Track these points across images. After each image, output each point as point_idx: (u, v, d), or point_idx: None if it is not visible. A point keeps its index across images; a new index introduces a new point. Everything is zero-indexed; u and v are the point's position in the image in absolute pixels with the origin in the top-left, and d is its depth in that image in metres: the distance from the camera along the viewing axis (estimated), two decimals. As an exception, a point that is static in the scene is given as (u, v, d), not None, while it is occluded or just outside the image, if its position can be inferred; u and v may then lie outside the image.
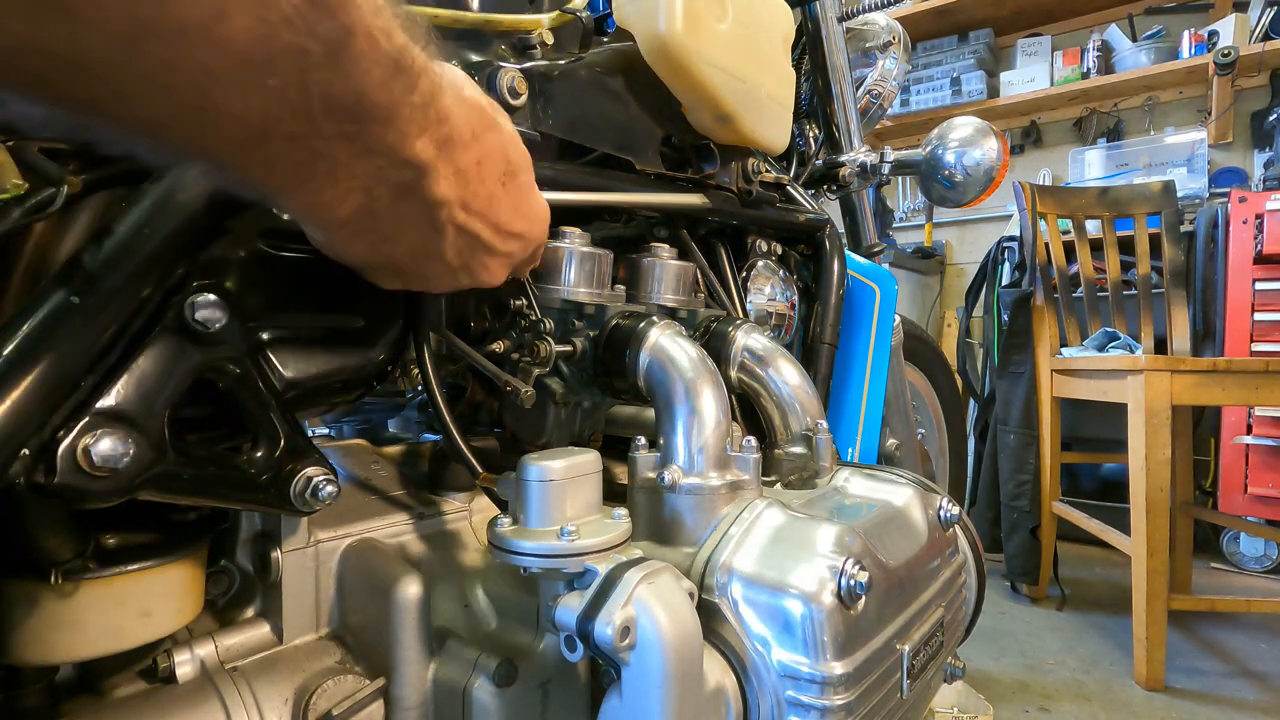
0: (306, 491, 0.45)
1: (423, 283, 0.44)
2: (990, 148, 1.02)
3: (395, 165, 0.33)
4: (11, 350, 0.33)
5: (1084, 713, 1.43)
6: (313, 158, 0.29)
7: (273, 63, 0.25)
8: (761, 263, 0.86)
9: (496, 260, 0.45)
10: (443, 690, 0.50)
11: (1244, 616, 1.89)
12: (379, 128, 0.30)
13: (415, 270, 0.42)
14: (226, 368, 0.42)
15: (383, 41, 0.28)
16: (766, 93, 0.72)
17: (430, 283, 0.44)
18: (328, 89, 0.27)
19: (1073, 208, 2.09)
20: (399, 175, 0.33)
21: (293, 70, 0.25)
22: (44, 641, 0.41)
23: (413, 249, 0.40)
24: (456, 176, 0.37)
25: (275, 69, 0.25)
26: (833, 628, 0.44)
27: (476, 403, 0.69)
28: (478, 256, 0.43)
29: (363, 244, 0.38)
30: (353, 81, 0.28)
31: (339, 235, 0.38)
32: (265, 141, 0.27)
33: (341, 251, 0.40)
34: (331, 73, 0.27)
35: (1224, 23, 2.63)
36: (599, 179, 0.62)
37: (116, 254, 0.36)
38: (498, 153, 0.40)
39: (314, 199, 0.32)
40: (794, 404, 0.66)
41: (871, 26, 1.24)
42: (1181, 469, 2.01)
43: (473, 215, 0.40)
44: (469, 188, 0.38)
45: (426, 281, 0.44)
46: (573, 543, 0.43)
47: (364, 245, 0.38)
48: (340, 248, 0.40)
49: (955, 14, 3.03)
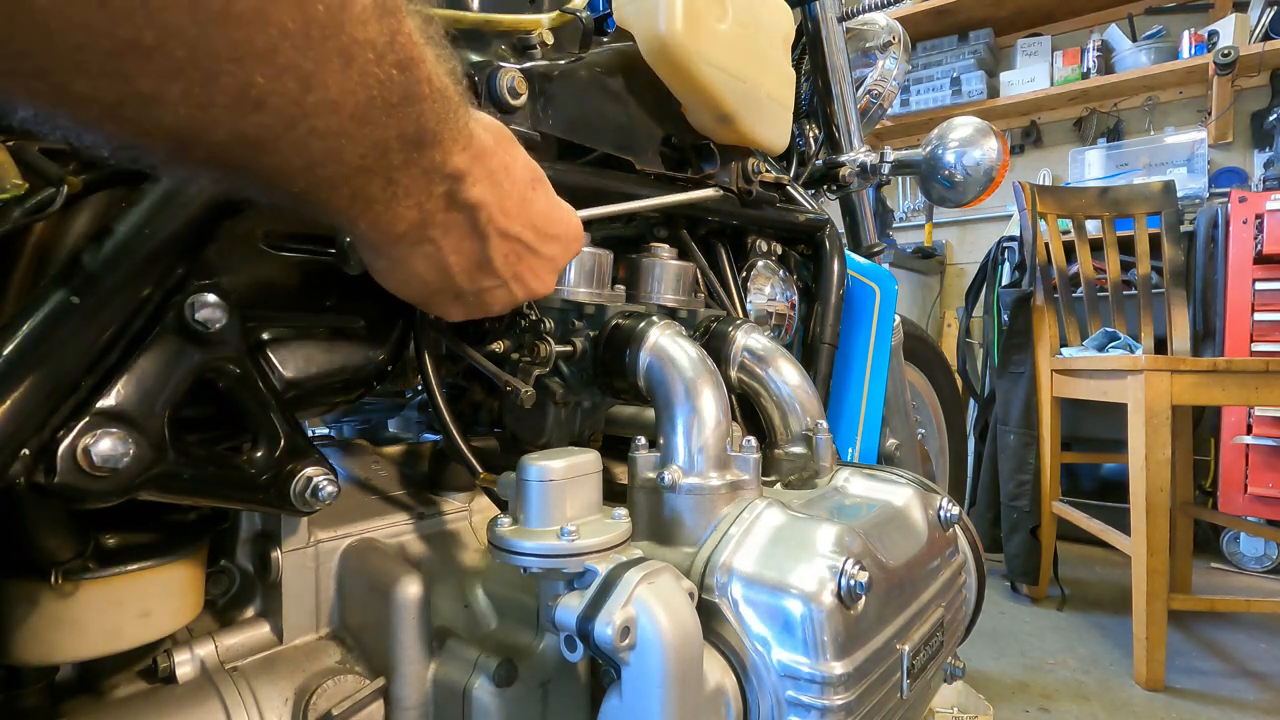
0: (306, 491, 0.45)
1: (482, 305, 0.46)
2: (990, 148, 1.02)
3: (441, 179, 0.37)
4: (11, 350, 0.33)
5: (1084, 713, 1.43)
6: (385, 184, 0.34)
7: (370, 114, 0.30)
8: (761, 263, 0.86)
9: (542, 264, 0.47)
10: (443, 690, 0.50)
11: (1244, 616, 1.89)
12: (431, 150, 0.35)
13: (473, 289, 0.44)
14: (226, 368, 0.42)
15: (437, 82, 0.33)
16: (766, 93, 0.72)
17: (489, 303, 0.46)
18: (402, 129, 0.32)
19: (1073, 208, 2.09)
20: (444, 187, 0.38)
21: (381, 119, 0.31)
22: (44, 641, 0.41)
23: (464, 261, 0.42)
24: (489, 180, 0.40)
25: (371, 119, 0.31)
26: (833, 628, 0.44)
27: (476, 403, 0.69)
28: (525, 262, 0.45)
29: (419, 259, 0.41)
30: (419, 118, 0.33)
31: (398, 250, 0.40)
32: (353, 178, 0.32)
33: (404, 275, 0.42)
34: (404, 115, 0.32)
35: (1224, 23, 2.63)
36: (599, 179, 0.62)
37: (116, 254, 0.36)
38: (520, 159, 0.44)
39: (380, 218, 0.36)
40: (794, 404, 0.66)
41: (871, 26, 1.24)
42: (1181, 469, 2.01)
43: (510, 218, 0.43)
44: (501, 190, 0.41)
45: (485, 302, 0.46)
46: (573, 543, 0.43)
47: (421, 260, 0.41)
48: (402, 271, 0.42)
49: (955, 14, 3.03)
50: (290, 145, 0.29)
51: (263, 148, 0.28)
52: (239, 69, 0.25)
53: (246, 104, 0.26)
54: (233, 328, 0.41)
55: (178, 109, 0.25)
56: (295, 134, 0.28)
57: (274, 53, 0.25)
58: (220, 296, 0.40)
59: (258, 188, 0.31)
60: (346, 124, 0.30)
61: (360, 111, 0.30)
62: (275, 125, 0.27)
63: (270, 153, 0.28)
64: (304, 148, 0.29)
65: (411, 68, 0.31)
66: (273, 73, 0.26)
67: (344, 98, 0.29)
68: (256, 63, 0.25)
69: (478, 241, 0.42)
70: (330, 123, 0.29)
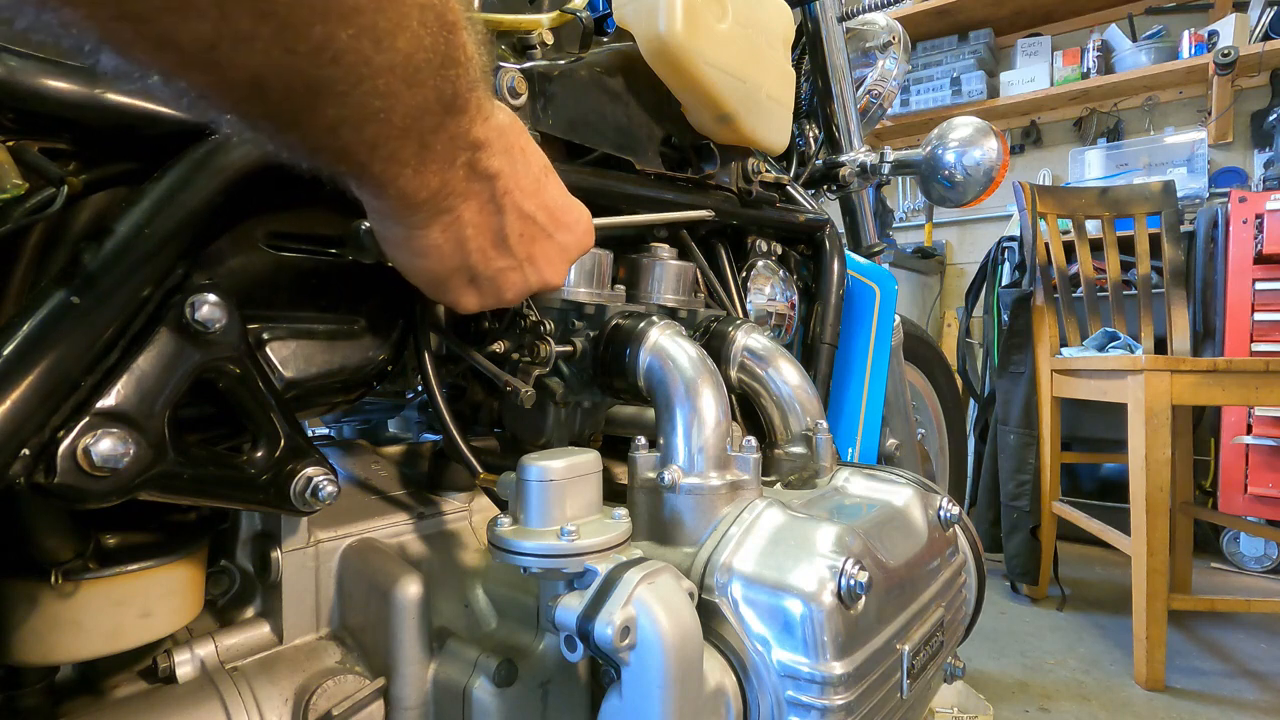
0: (306, 491, 0.45)
1: (496, 290, 0.46)
2: (990, 148, 1.02)
3: (464, 146, 0.38)
4: (11, 350, 0.33)
5: (1084, 713, 1.43)
6: (418, 148, 0.35)
7: (420, 75, 0.32)
8: (761, 263, 0.86)
9: (555, 249, 0.47)
10: (443, 690, 0.50)
11: (1244, 616, 1.89)
12: (460, 116, 0.36)
13: (488, 270, 0.45)
14: (226, 368, 0.42)
15: (470, 49, 0.34)
16: (766, 93, 0.72)
17: (503, 287, 0.46)
18: (440, 91, 0.34)
19: (1073, 208, 2.09)
20: (466, 155, 0.39)
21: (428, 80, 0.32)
22: (44, 641, 0.41)
23: (481, 236, 0.43)
24: (506, 155, 0.41)
25: (420, 80, 0.32)
26: (833, 628, 0.44)
27: (476, 403, 0.69)
28: (539, 244, 0.46)
29: (438, 229, 0.41)
30: (455, 82, 0.34)
31: (419, 218, 0.40)
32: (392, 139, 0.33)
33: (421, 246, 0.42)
34: (443, 79, 0.33)
35: (1224, 23, 2.63)
36: (599, 179, 0.62)
37: (116, 254, 0.36)
38: (533, 145, 0.44)
39: (408, 183, 0.37)
40: (794, 404, 0.66)
41: (871, 26, 1.24)
42: (1181, 469, 2.01)
43: (526, 196, 0.44)
44: (516, 167, 0.42)
45: (499, 287, 0.46)
46: (573, 543, 0.43)
47: (439, 231, 0.41)
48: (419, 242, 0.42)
49: (955, 14, 3.03)
50: (353, 100, 0.30)
51: (328, 99, 0.29)
52: (326, 23, 0.27)
53: (325, 55, 0.28)
54: (233, 328, 0.41)
55: (267, 50, 0.26)
56: (359, 90, 0.30)
57: (359, 12, 0.27)
58: (220, 296, 0.40)
59: (305, 147, 0.32)
60: (400, 83, 0.31)
61: (412, 72, 0.31)
62: (344, 80, 0.29)
63: (334, 105, 0.30)
64: (361, 104, 0.30)
65: (455, 31, 0.33)
66: (354, 32, 0.28)
67: (405, 59, 0.30)
68: (341, 20, 0.27)
69: (495, 214, 0.42)
70: (390, 81, 0.30)
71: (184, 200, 0.38)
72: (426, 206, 0.39)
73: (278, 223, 0.46)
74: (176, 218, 0.38)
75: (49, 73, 0.35)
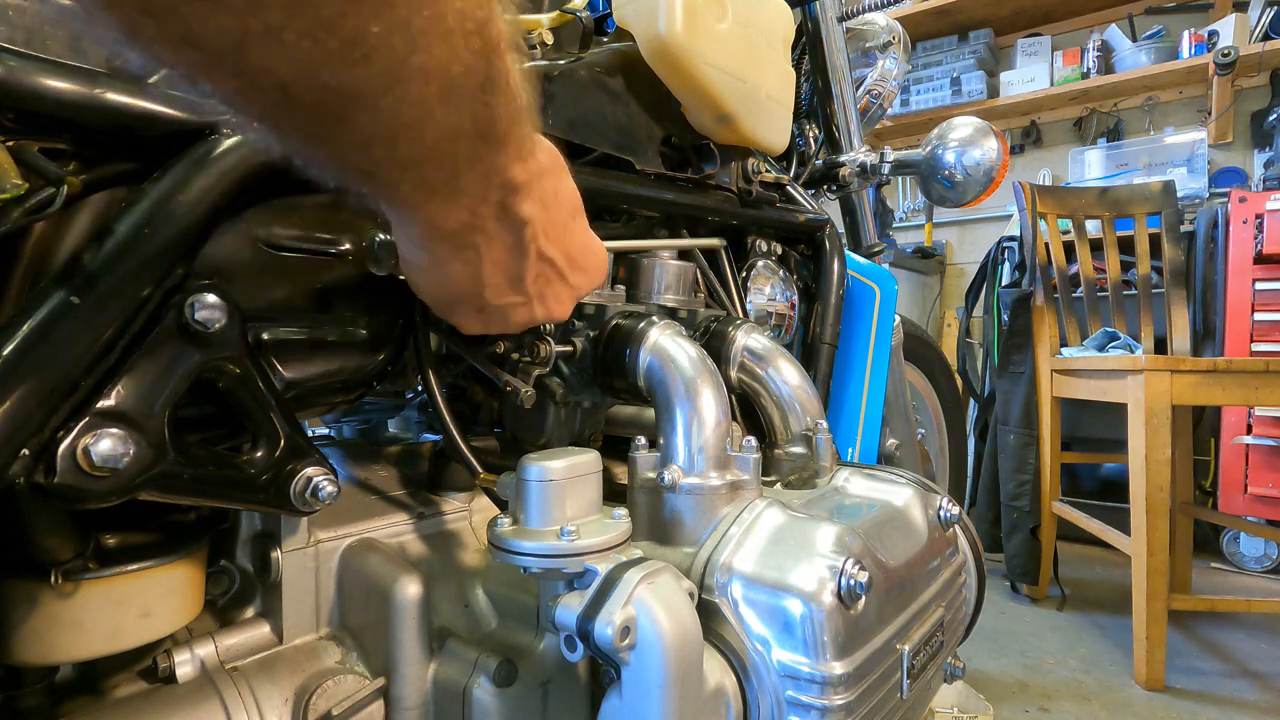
0: (306, 491, 0.45)
1: (502, 321, 0.46)
2: (990, 148, 1.02)
3: (498, 186, 0.37)
4: (11, 350, 0.33)
5: (1084, 713, 1.43)
6: (449, 176, 0.34)
7: (455, 93, 0.31)
8: (761, 263, 0.86)
9: (567, 291, 0.47)
10: (443, 690, 0.50)
11: (1244, 616, 1.89)
12: (497, 152, 0.35)
13: (499, 303, 0.45)
14: (226, 368, 0.42)
15: (512, 80, 0.33)
16: (766, 93, 0.72)
17: (509, 319, 0.47)
18: (476, 117, 0.32)
19: (1073, 208, 2.09)
20: (499, 195, 0.38)
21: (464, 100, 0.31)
22: (44, 641, 0.41)
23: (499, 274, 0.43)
24: (540, 201, 0.41)
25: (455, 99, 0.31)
26: (833, 628, 0.44)
27: (476, 403, 0.69)
28: (552, 286, 0.46)
29: (459, 263, 0.41)
30: (492, 110, 0.33)
31: (442, 249, 0.40)
32: (424, 161, 0.32)
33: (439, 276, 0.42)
34: (481, 104, 0.32)
35: (1224, 23, 2.63)
36: (599, 179, 0.62)
37: (116, 254, 0.36)
38: (568, 187, 0.44)
39: (436, 212, 0.36)
40: (794, 404, 0.66)
41: (871, 26, 1.23)
42: (1181, 469, 2.01)
43: (551, 242, 0.43)
44: (548, 214, 0.42)
45: (506, 318, 0.46)
46: (573, 543, 0.43)
47: (460, 264, 0.41)
48: (438, 272, 0.42)
49: (955, 14, 3.03)
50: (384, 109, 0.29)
51: (360, 104, 0.29)
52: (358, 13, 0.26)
53: (355, 54, 0.27)
54: (232, 328, 0.41)
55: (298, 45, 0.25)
56: (390, 97, 0.29)
57: (391, 6, 0.26)
58: (220, 297, 0.40)
59: (335, 164, 0.32)
60: (435, 98, 0.30)
61: (448, 88, 0.30)
62: (375, 83, 0.28)
63: (365, 113, 0.29)
64: (393, 115, 0.30)
65: (496, 56, 0.32)
66: (386, 27, 0.26)
67: (439, 69, 0.29)
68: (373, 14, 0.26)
69: (518, 257, 0.42)
70: (423, 92, 0.30)
71: (184, 200, 0.38)
72: (452, 239, 0.39)
73: (278, 223, 0.46)
74: (177, 218, 0.38)
75: (49, 73, 0.34)
